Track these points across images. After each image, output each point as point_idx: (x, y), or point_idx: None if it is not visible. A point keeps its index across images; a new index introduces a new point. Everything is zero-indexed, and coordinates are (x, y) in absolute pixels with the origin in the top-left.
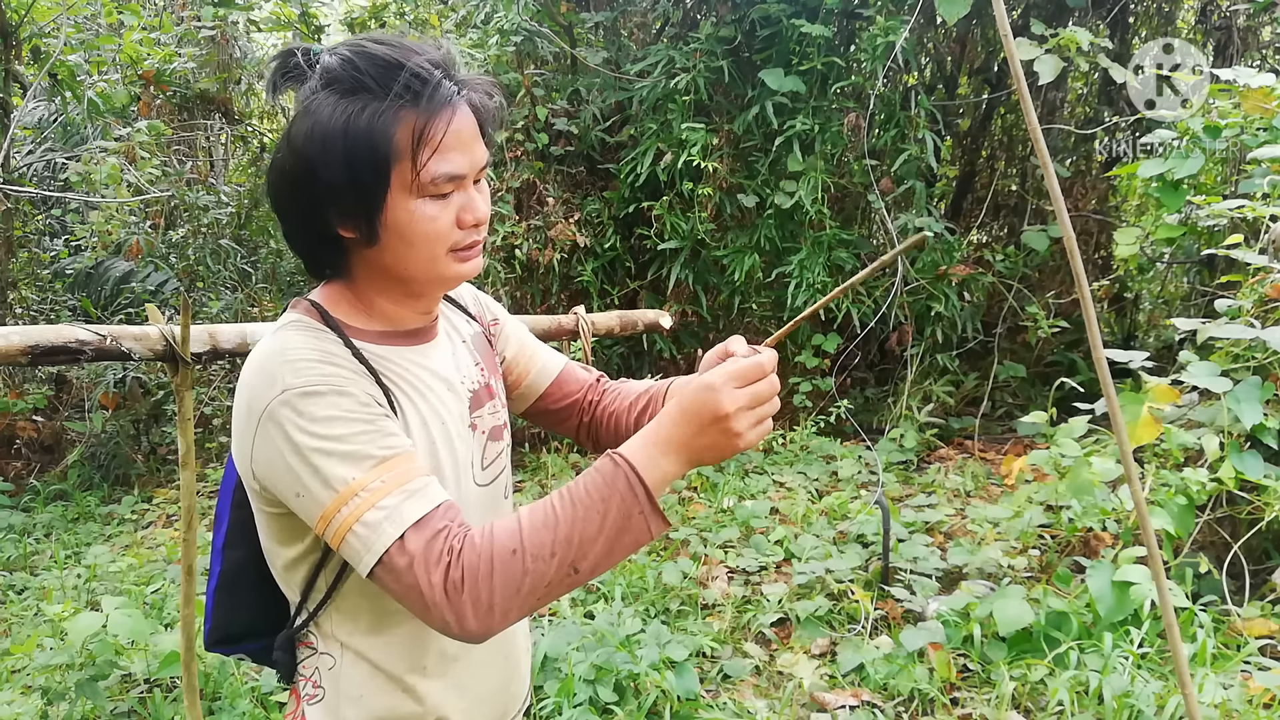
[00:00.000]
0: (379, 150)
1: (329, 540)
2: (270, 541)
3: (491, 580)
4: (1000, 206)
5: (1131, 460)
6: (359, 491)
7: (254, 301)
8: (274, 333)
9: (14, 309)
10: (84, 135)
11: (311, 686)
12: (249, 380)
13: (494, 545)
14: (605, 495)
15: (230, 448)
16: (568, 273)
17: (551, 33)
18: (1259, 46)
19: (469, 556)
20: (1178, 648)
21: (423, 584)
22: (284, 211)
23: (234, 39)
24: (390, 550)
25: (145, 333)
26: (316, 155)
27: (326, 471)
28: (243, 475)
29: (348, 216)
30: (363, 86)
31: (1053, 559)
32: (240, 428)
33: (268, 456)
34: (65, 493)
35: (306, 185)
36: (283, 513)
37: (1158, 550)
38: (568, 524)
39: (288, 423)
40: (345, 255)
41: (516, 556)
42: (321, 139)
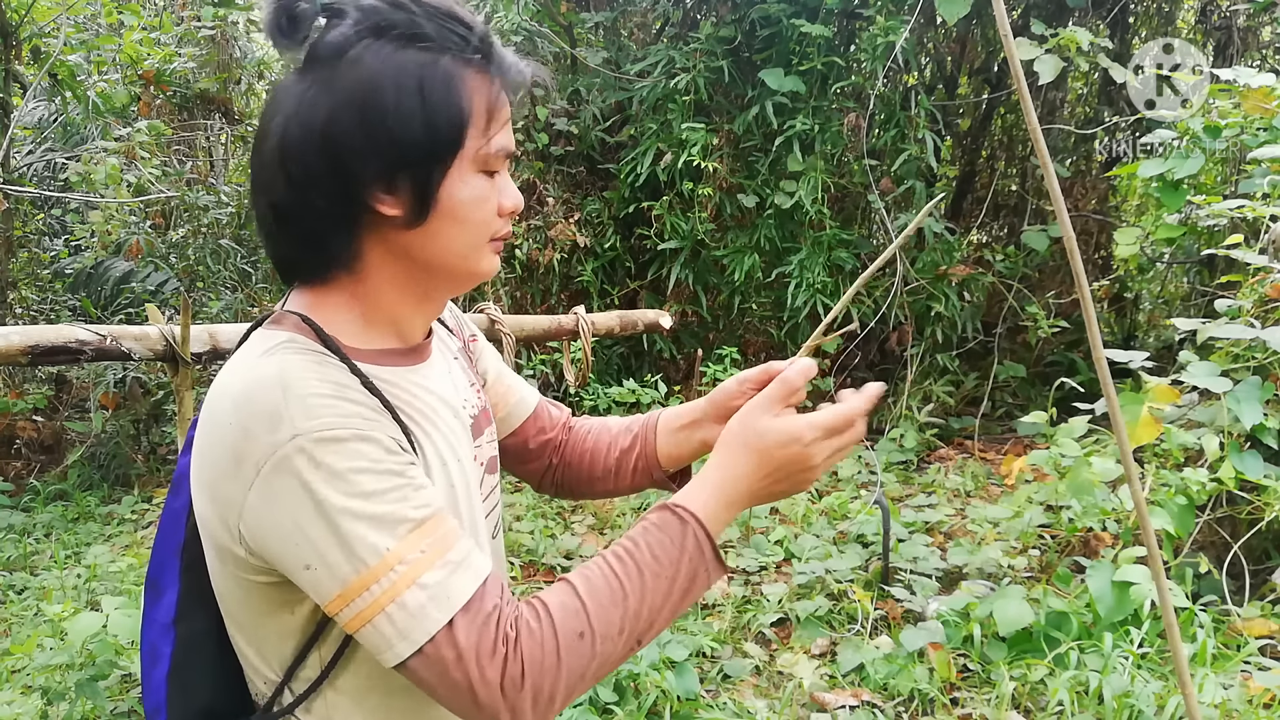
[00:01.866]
0: (456, 108)
1: (344, 622)
2: (247, 613)
3: (558, 671)
4: (1000, 206)
5: (1131, 460)
6: (395, 565)
7: (254, 301)
8: (260, 356)
9: (14, 309)
10: (84, 135)
11: None
12: (236, 419)
13: (557, 630)
14: (675, 558)
15: (173, 498)
16: (568, 273)
17: (551, 33)
18: (1259, 46)
19: (528, 646)
20: (1178, 648)
21: (475, 680)
22: (306, 181)
23: (234, 39)
24: (436, 640)
25: (145, 333)
26: (384, 107)
27: (354, 539)
28: (215, 536)
29: (399, 186)
30: (421, 36)
31: (1053, 559)
32: (220, 478)
33: (270, 518)
34: (65, 493)
35: (359, 143)
36: (272, 583)
37: (1158, 550)
38: (637, 597)
39: (305, 477)
40: (361, 242)
41: (585, 640)
42: (394, 89)
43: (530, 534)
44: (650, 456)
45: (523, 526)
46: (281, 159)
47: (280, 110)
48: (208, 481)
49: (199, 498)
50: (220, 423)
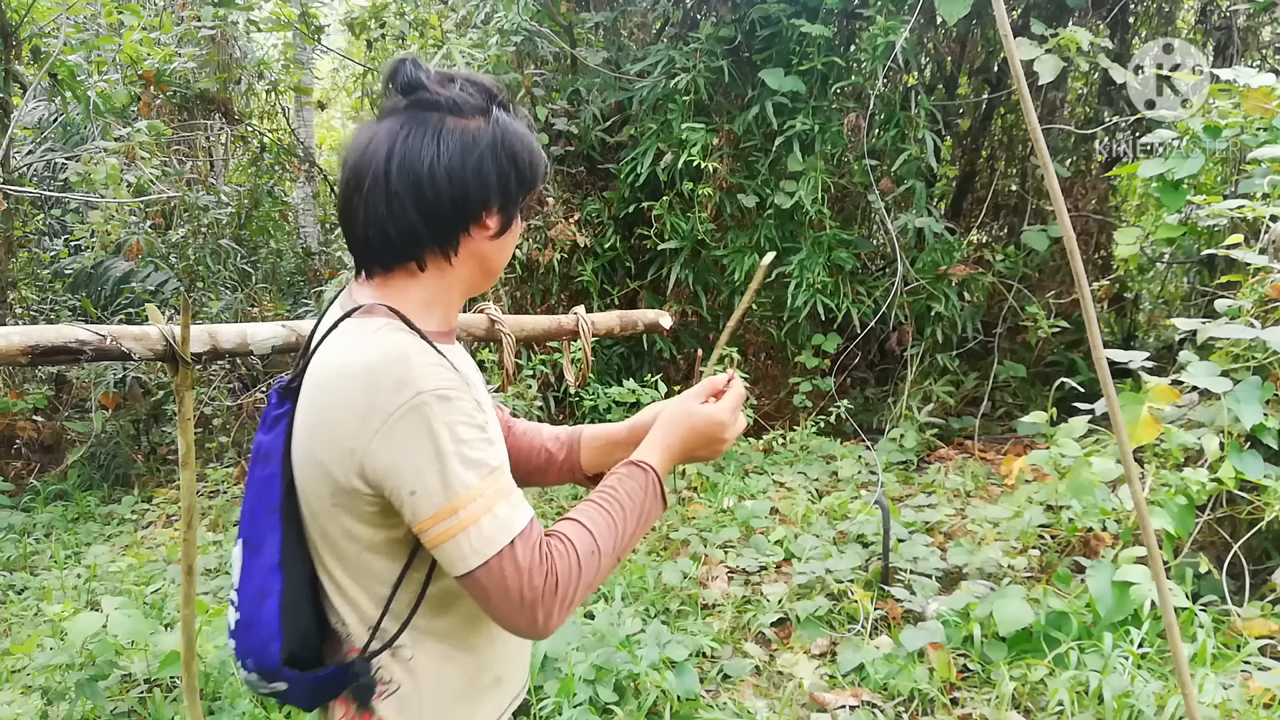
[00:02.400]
0: (541, 163)
1: (429, 538)
2: (352, 548)
3: (579, 581)
4: (1000, 206)
5: (1131, 460)
6: (476, 498)
7: (254, 301)
8: (371, 335)
9: (14, 309)
10: (84, 135)
11: (380, 685)
12: (365, 383)
13: (578, 551)
14: (640, 497)
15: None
16: (568, 273)
17: (551, 33)
18: (1259, 46)
19: (560, 563)
20: (1178, 648)
21: (524, 588)
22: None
23: (234, 39)
24: (500, 555)
25: (145, 333)
26: (516, 159)
27: (451, 474)
28: (330, 482)
29: (505, 207)
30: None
31: (1053, 559)
32: (343, 432)
33: (391, 456)
34: (65, 493)
35: (486, 181)
36: (377, 511)
37: (1158, 550)
38: (621, 523)
39: (429, 423)
40: (461, 247)
41: (594, 557)
42: (521, 148)
43: None
44: (574, 463)
45: None
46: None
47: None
48: (328, 437)
49: (313, 454)
50: (343, 389)
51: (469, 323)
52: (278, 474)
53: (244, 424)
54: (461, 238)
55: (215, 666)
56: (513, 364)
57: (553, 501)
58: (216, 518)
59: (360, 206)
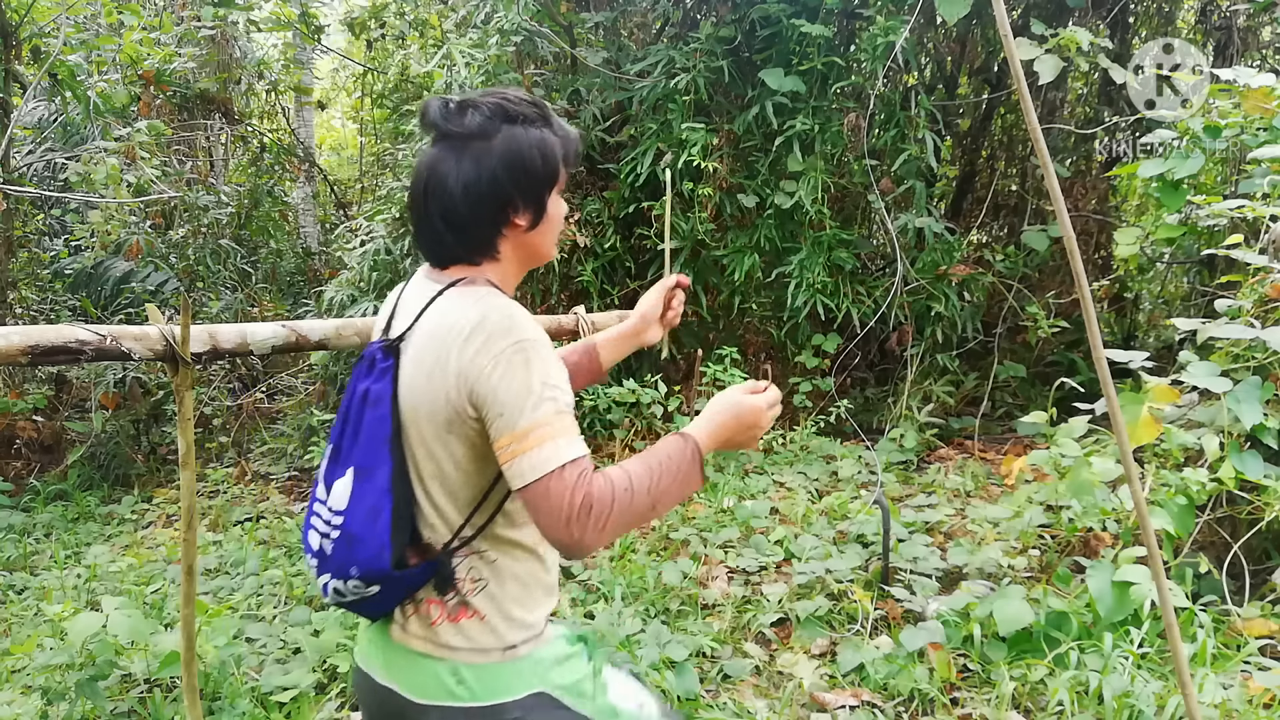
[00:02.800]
0: (555, 160)
1: (502, 455)
2: (451, 465)
3: (612, 510)
4: (1000, 206)
5: (1131, 460)
6: (545, 425)
7: (254, 301)
8: (483, 297)
9: (14, 309)
10: (84, 135)
11: (470, 581)
12: (481, 328)
13: (615, 486)
14: (679, 461)
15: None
16: (568, 273)
17: (551, 33)
18: (1259, 46)
19: (598, 491)
20: (1178, 648)
21: (565, 503)
22: (475, 209)
23: (234, 39)
24: (550, 475)
25: (145, 333)
26: (526, 164)
27: (534, 403)
28: (446, 409)
29: (529, 205)
30: (530, 119)
31: (1053, 559)
32: (466, 366)
33: (492, 385)
34: (65, 493)
35: (512, 186)
36: (478, 433)
37: (1158, 550)
38: (658, 476)
39: (528, 362)
40: (502, 241)
41: (628, 494)
42: (531, 153)
43: None
44: (596, 367)
45: None
46: (456, 196)
47: (447, 166)
48: (447, 374)
49: (431, 391)
50: (462, 335)
51: None
52: (388, 414)
53: (244, 424)
54: (498, 239)
55: (215, 666)
56: None
57: None
58: (216, 518)
59: (418, 224)
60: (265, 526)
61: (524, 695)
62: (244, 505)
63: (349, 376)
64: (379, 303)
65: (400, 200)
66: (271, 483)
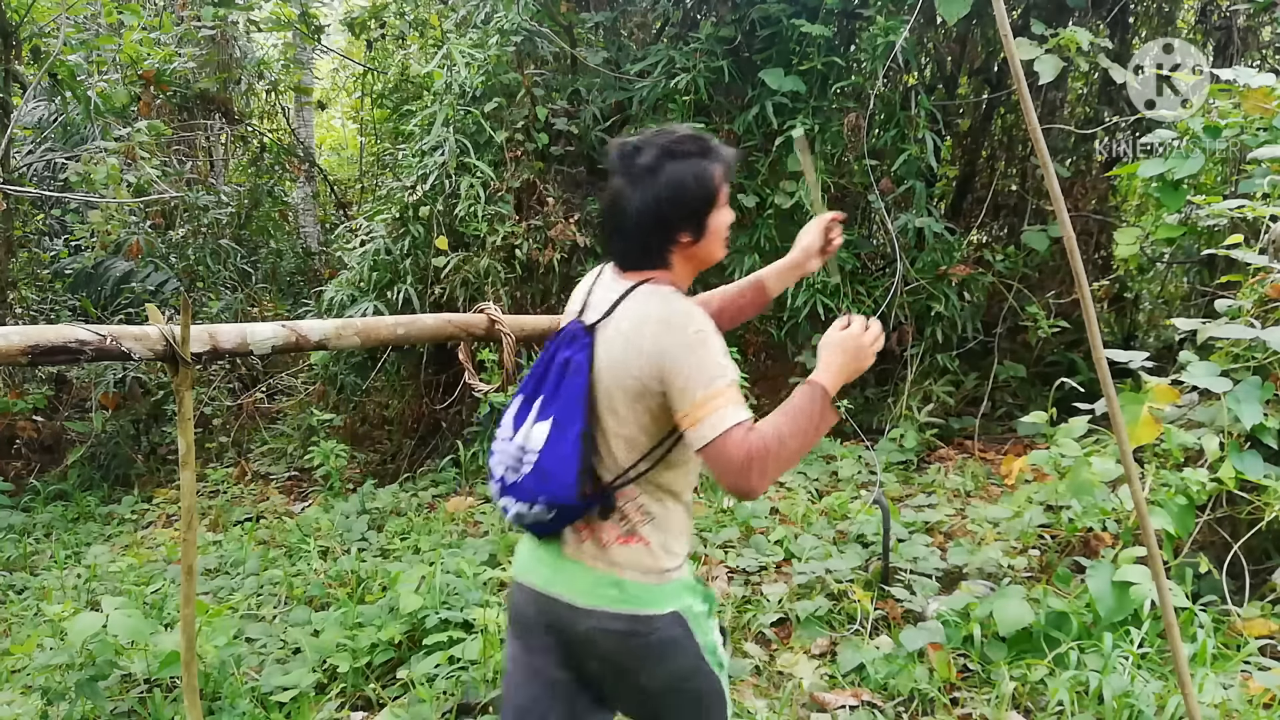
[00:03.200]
0: (713, 184)
1: (685, 420)
2: (634, 424)
3: (771, 457)
4: (1000, 206)
5: (1131, 460)
6: (718, 396)
7: (254, 301)
8: (671, 295)
9: (14, 309)
10: (84, 135)
11: (641, 514)
12: (673, 322)
13: (767, 437)
14: (811, 405)
15: (574, 378)
16: (568, 273)
17: (551, 33)
18: (1259, 46)
19: (759, 444)
20: (1178, 648)
21: (739, 456)
22: (652, 230)
23: (234, 39)
24: (724, 434)
25: (145, 333)
26: (687, 191)
27: (710, 379)
28: (637, 383)
29: (690, 226)
30: (690, 154)
31: (1053, 559)
32: (659, 349)
33: (680, 362)
34: (65, 493)
35: (676, 210)
36: (660, 404)
37: (1158, 550)
38: (800, 422)
39: (706, 345)
40: (672, 254)
41: (779, 442)
42: (691, 182)
43: None
44: (762, 300)
45: None
46: (631, 221)
47: (626, 196)
48: (642, 354)
49: (628, 366)
50: (656, 325)
51: (470, 323)
52: (585, 381)
53: (244, 424)
54: (668, 254)
55: (215, 666)
56: (513, 364)
57: None
58: (216, 518)
59: (607, 238)
60: (265, 526)
61: (666, 612)
62: (244, 505)
63: (351, 376)
64: (379, 303)
65: (400, 200)
66: (271, 483)
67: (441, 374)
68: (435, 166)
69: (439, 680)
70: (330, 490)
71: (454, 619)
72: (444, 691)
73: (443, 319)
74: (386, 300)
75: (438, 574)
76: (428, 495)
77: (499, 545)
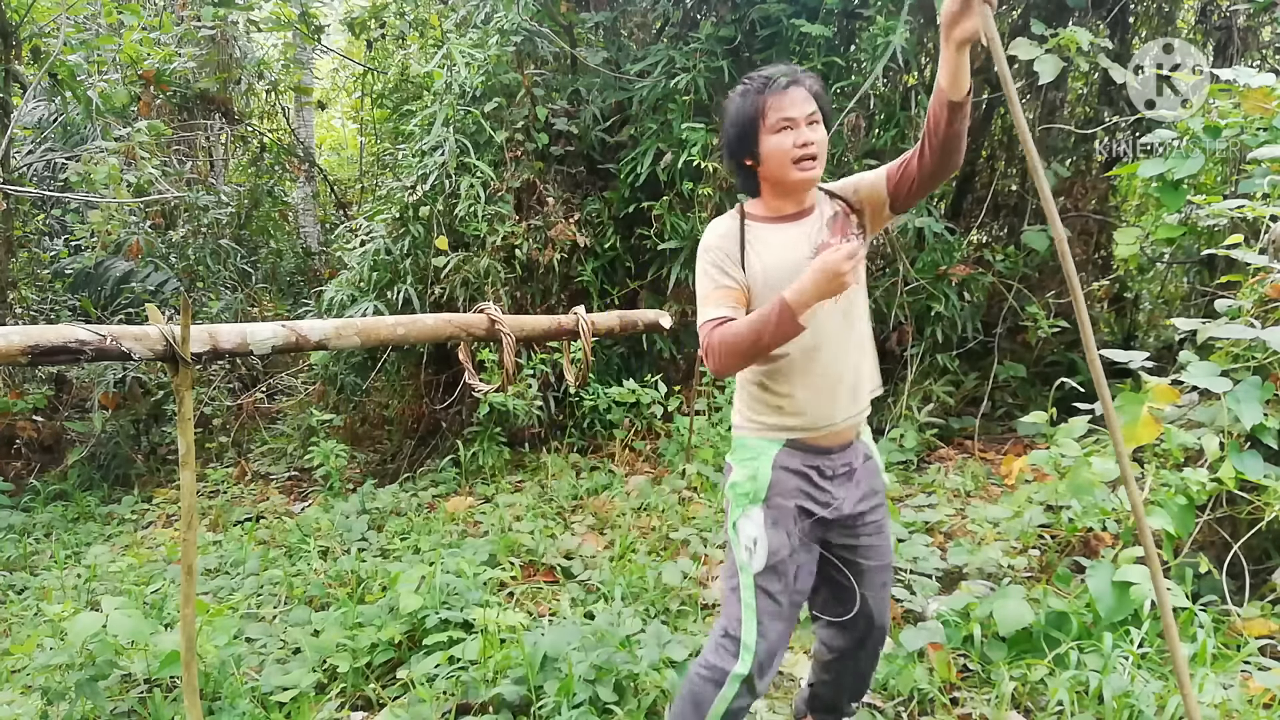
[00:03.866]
0: (751, 113)
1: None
2: None
3: (723, 347)
4: (1000, 206)
5: (1128, 462)
6: (703, 300)
7: (254, 301)
8: (714, 223)
9: (14, 309)
10: (84, 135)
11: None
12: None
13: (725, 334)
14: (770, 312)
15: None
16: (568, 273)
17: (551, 33)
18: (1259, 46)
19: (717, 337)
20: (1176, 648)
21: (703, 344)
22: (725, 153)
23: (234, 39)
24: (700, 326)
25: (145, 333)
26: (729, 122)
27: (703, 290)
28: None
29: (745, 152)
30: (744, 86)
31: (1053, 559)
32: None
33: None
34: (65, 493)
35: (728, 140)
36: None
37: (1154, 550)
38: (757, 325)
39: (701, 263)
40: (755, 179)
41: (736, 338)
42: (734, 112)
43: (530, 534)
44: (940, 105)
45: (523, 526)
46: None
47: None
48: None
49: None
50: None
51: (470, 323)
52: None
53: (244, 424)
54: (750, 181)
55: (215, 666)
56: (513, 364)
57: (553, 502)
58: (216, 518)
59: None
60: (265, 526)
61: (729, 459)
62: (244, 505)
63: (351, 376)
64: (379, 303)
65: (400, 200)
66: (271, 483)
67: (441, 374)
68: (435, 166)
69: (439, 680)
70: (330, 490)
71: (454, 619)
72: (444, 691)
73: (443, 319)
74: (386, 300)
75: (438, 574)
76: (428, 495)
77: (499, 545)
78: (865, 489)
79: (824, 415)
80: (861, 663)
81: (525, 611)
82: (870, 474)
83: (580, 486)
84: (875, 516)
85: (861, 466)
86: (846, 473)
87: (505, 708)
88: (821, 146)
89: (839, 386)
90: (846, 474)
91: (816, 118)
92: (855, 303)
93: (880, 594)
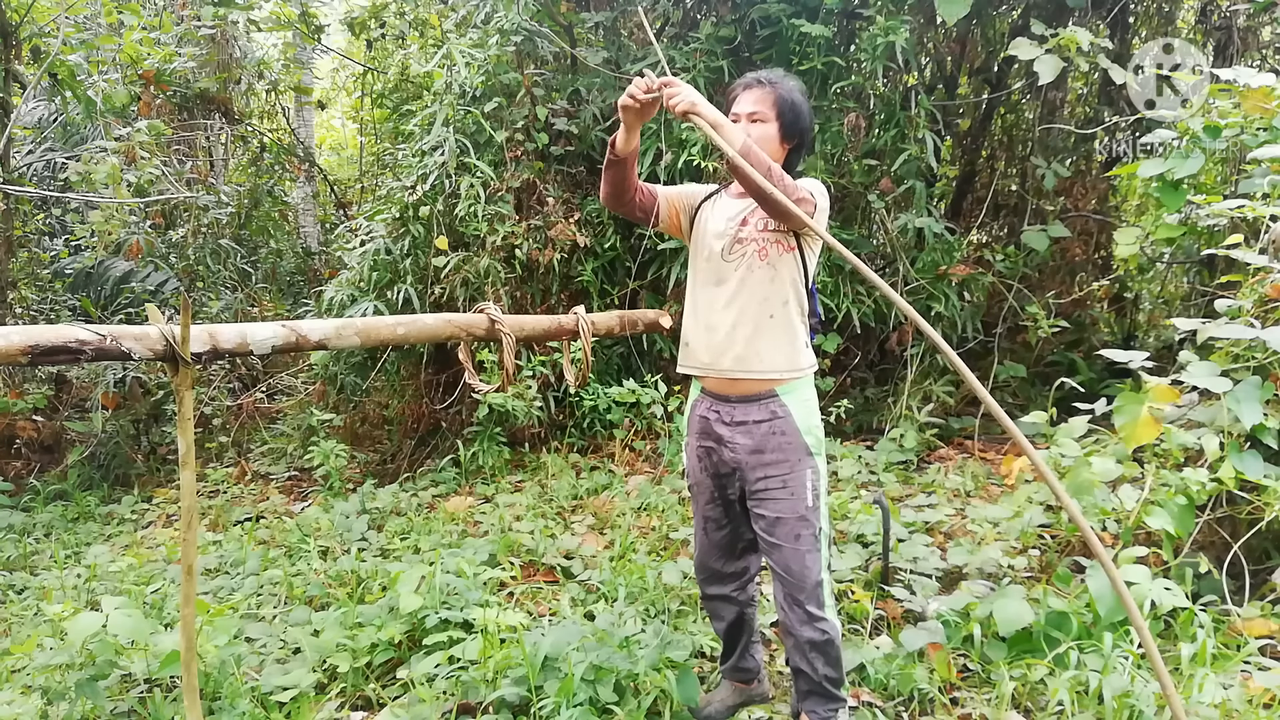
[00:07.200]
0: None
1: None
2: None
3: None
4: (1000, 206)
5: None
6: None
7: (254, 301)
8: None
9: (14, 309)
10: (84, 135)
11: None
12: None
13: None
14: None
15: None
16: (568, 273)
17: (551, 33)
18: (1259, 46)
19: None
20: (1150, 645)
21: None
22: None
23: (234, 39)
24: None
25: (145, 333)
26: None
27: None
28: None
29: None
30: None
31: (1053, 559)
32: None
33: None
34: (65, 493)
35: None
36: None
37: (1103, 550)
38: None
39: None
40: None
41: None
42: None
43: (530, 534)
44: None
45: (522, 526)
46: None
47: None
48: None
49: None
50: None
51: (469, 323)
52: None
53: (244, 424)
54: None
55: (215, 666)
56: (513, 364)
57: (553, 501)
58: (216, 518)
59: None
60: (265, 526)
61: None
62: (244, 505)
63: (351, 376)
64: (379, 303)
65: (400, 200)
66: (271, 482)
67: (441, 374)
68: (435, 166)
69: (439, 680)
70: (330, 490)
71: (454, 619)
72: (444, 691)
73: (443, 319)
74: (386, 300)
75: (438, 574)
76: (428, 495)
77: (499, 545)
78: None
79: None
80: (794, 624)
81: (525, 611)
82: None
83: (580, 486)
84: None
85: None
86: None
87: (505, 708)
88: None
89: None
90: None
91: (759, 116)
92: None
93: (794, 546)
